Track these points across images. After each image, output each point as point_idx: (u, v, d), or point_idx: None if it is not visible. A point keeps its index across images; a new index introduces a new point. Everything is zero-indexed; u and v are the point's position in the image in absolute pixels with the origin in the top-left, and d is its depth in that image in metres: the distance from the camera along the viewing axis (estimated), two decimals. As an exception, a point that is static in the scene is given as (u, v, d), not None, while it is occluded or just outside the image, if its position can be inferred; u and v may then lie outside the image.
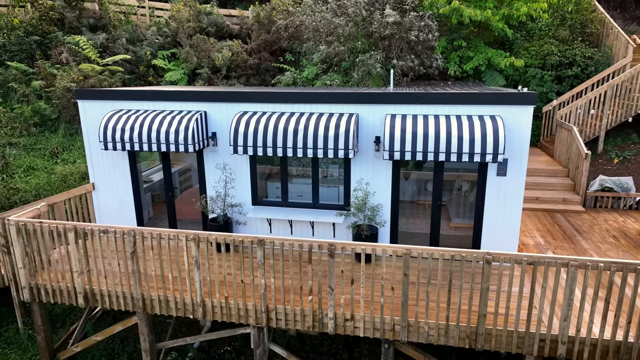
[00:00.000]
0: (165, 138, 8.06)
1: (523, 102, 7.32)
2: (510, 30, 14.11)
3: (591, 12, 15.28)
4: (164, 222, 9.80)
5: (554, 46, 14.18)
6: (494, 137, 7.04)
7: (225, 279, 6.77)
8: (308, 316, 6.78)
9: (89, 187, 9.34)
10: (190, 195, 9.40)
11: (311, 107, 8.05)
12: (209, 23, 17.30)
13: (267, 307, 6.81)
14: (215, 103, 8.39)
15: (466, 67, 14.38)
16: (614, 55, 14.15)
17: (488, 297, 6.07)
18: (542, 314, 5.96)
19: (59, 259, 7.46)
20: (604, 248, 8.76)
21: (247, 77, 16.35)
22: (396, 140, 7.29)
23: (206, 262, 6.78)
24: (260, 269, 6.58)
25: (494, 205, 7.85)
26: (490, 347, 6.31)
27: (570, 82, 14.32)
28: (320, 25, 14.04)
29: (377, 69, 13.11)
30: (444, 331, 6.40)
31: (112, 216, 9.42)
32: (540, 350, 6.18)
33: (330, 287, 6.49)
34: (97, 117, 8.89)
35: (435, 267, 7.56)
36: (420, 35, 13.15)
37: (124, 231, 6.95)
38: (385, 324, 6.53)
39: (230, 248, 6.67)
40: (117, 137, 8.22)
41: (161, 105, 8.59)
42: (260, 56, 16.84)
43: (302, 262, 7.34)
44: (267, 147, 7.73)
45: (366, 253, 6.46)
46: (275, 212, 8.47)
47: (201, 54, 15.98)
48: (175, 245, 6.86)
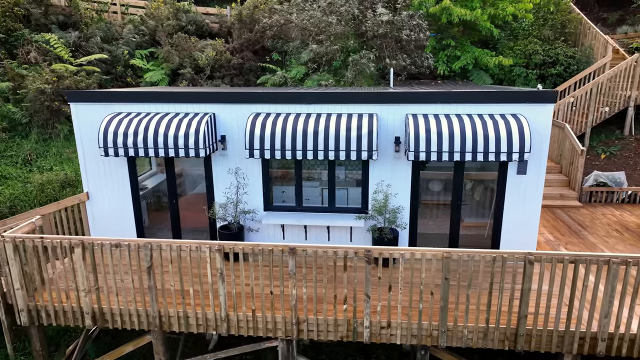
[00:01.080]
0: (174, 142, 7.54)
1: (543, 100, 7.33)
2: (497, 29, 14.34)
3: (569, 13, 15.79)
4: (162, 231, 9.23)
5: (538, 45, 14.54)
6: (520, 136, 7.00)
7: (252, 290, 6.37)
8: (341, 326, 6.49)
9: (83, 197, 8.63)
10: (187, 202, 8.87)
11: (327, 107, 7.76)
12: (188, 21, 16.60)
13: (298, 318, 6.48)
14: (224, 104, 7.94)
15: (454, 67, 14.49)
16: (595, 54, 14.66)
17: (529, 298, 6.01)
18: (582, 311, 5.95)
19: (60, 276, 6.80)
20: (611, 242, 8.97)
21: (230, 77, 15.81)
22: (421, 140, 7.12)
23: (232, 273, 6.36)
24: (291, 279, 6.25)
25: (513, 204, 7.84)
26: (530, 348, 6.26)
27: (553, 81, 14.73)
28: (309, 23, 13.73)
29: (370, 69, 12.96)
30: (483, 334, 6.29)
31: (108, 227, 8.76)
32: (579, 349, 6.19)
33: (366, 295, 6.24)
34: (92, 121, 8.22)
35: (475, 269, 7.45)
36: (411, 34, 13.11)
37: (139, 244, 6.41)
38: (423, 329, 6.35)
39: (260, 258, 6.28)
40: (119, 142, 7.61)
41: (164, 107, 8.04)
42: (242, 55, 16.32)
43: (332, 270, 7.05)
44: (285, 150, 7.38)
45: (405, 258, 6.24)
46: (290, 218, 8.12)
47: (182, 54, 15.30)
48: (197, 257, 6.40)
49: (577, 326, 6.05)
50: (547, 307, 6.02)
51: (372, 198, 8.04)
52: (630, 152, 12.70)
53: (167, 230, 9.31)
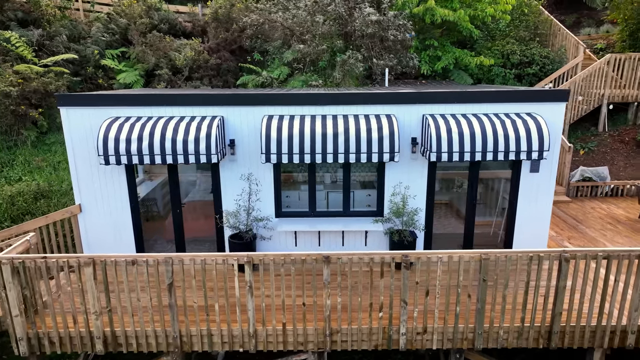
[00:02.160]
0: (183, 148, 7.04)
1: (557, 99, 7.46)
2: (477, 30, 14.63)
3: (540, 15, 16.39)
4: (160, 244, 8.66)
5: (515, 46, 14.97)
6: (539, 134, 7.07)
7: (283, 302, 6.04)
8: (375, 334, 6.28)
9: (75, 209, 7.91)
10: (185, 211, 8.33)
11: (342, 108, 7.52)
12: (160, 20, 15.77)
13: (332, 329, 6.20)
14: (233, 107, 7.51)
15: (437, 67, 14.64)
16: (567, 54, 15.28)
17: (564, 295, 6.06)
18: (613, 306, 6.08)
19: (63, 297, 6.15)
20: (609, 235, 9.31)
21: (209, 78, 15.18)
22: (443, 141, 7.04)
23: (261, 285, 5.99)
24: (325, 288, 5.97)
25: (526, 202, 7.94)
26: (563, 345, 6.32)
27: (529, 80, 15.21)
28: (294, 23, 13.42)
29: (359, 69, 12.82)
30: (518, 334, 6.28)
31: (103, 242, 8.08)
32: (609, 342, 6.31)
33: (404, 301, 6.06)
34: (86, 127, 7.53)
35: (502, 268, 7.43)
36: (397, 34, 13.10)
37: (158, 260, 5.90)
38: (458, 332, 6.25)
39: (292, 269, 5.95)
40: (122, 149, 7.01)
41: (167, 110, 7.51)
42: (220, 56, 15.72)
43: (366, 277, 6.79)
44: (304, 154, 7.07)
45: (442, 261, 6.10)
46: (304, 224, 7.82)
47: (157, 54, 14.51)
48: (223, 270, 5.97)
49: (608, 320, 6.17)
50: (580, 303, 6.09)
51: (390, 200, 7.88)
52: (606, 148, 13.32)
53: (163, 241, 8.74)
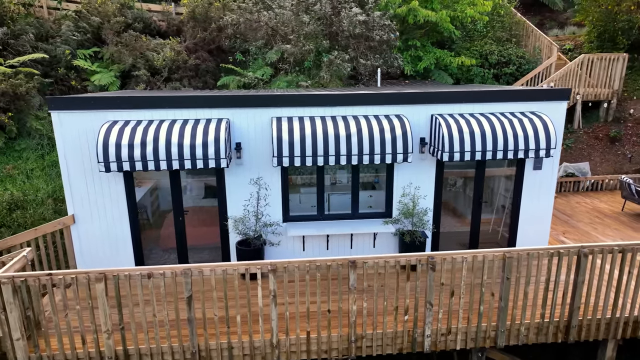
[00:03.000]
0: (191, 153, 6.69)
1: (559, 98, 7.65)
2: (458, 31, 14.89)
3: (513, 16, 16.90)
4: (156, 253, 8.23)
5: (493, 46, 15.35)
6: (546, 133, 7.22)
7: (308, 310, 5.85)
8: (400, 337, 6.20)
9: (67, 221, 7.38)
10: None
11: (352, 109, 7.40)
12: (134, 18, 15.09)
13: (357, 334, 6.07)
14: (238, 109, 7.23)
15: (419, 67, 14.79)
16: (542, 55, 15.81)
17: (583, 290, 6.19)
18: (627, 298, 6.28)
19: (65, 316, 5.68)
20: (600, 228, 9.67)
21: (188, 79, 14.67)
22: (455, 140, 7.05)
23: (284, 293, 5.77)
24: (351, 293, 5.83)
25: (530, 199, 8.10)
26: (580, 338, 6.46)
27: (506, 80, 15.64)
28: (279, 22, 13.18)
29: (346, 69, 12.75)
30: (538, 329, 6.37)
31: (99, 254, 7.58)
32: (622, 333, 6.52)
33: (429, 303, 6.01)
34: (80, 132, 7.04)
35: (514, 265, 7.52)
36: (383, 35, 13.12)
37: (176, 271, 5.57)
38: (481, 331, 6.27)
39: (318, 275, 5.77)
40: (124, 155, 6.59)
41: (169, 113, 7.13)
42: (198, 56, 15.24)
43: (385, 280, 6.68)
44: (317, 156, 6.90)
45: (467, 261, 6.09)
46: (314, 228, 7.64)
47: (133, 54, 13.87)
48: (231, 278, 5.71)
49: (622, 312, 6.36)
50: (596, 297, 6.26)
51: (399, 201, 7.83)
52: (582, 144, 13.89)
53: (159, 250, 8.32)
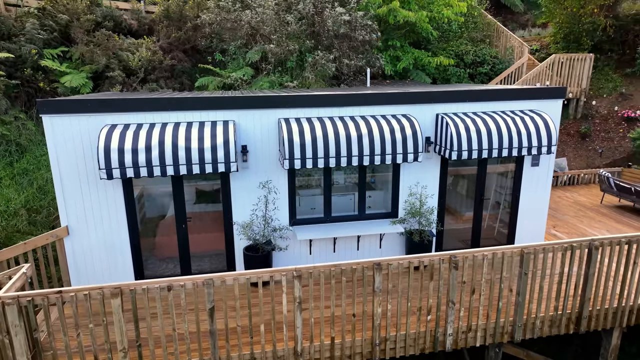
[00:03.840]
0: (199, 157, 6.39)
1: (555, 96, 7.90)
2: (436, 31, 15.16)
3: (484, 18, 17.41)
4: (152, 263, 7.83)
5: (469, 46, 15.74)
6: (547, 130, 7.43)
7: (333, 315, 5.72)
8: (422, 338, 6.19)
9: (61, 233, 6.87)
10: (172, 225, 7.61)
11: (359, 109, 7.33)
12: (104, 16, 14.34)
13: (381, 337, 6.00)
14: (244, 110, 6.99)
15: (398, 67, 14.94)
16: (515, 55, 16.37)
17: (593, 282, 6.41)
18: (632, 287, 6.57)
19: (77, 336, 5.25)
20: (585, 221, 10.10)
21: (164, 80, 14.12)
22: (463, 139, 7.13)
23: (310, 300, 5.62)
24: (376, 296, 5.76)
25: (528, 195, 8.32)
26: (590, 328, 6.69)
27: (481, 79, 16.09)
28: (261, 21, 12.92)
29: (331, 69, 12.68)
30: (551, 322, 6.54)
31: (95, 268, 7.12)
32: (627, 321, 6.80)
33: (452, 302, 6.03)
34: (74, 137, 6.57)
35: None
36: (365, 35, 13.15)
37: (198, 282, 5.29)
38: (499, 327, 6.37)
39: (343, 280, 5.65)
40: (128, 161, 6.20)
41: (171, 116, 6.78)
42: (173, 56, 14.71)
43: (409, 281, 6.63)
44: (329, 157, 6.77)
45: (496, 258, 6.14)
46: (321, 230, 7.51)
47: (105, 53, 13.18)
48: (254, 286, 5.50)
49: (627, 300, 6.64)
50: (605, 287, 6.50)
51: (406, 201, 7.83)
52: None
53: (155, 260, 7.92)
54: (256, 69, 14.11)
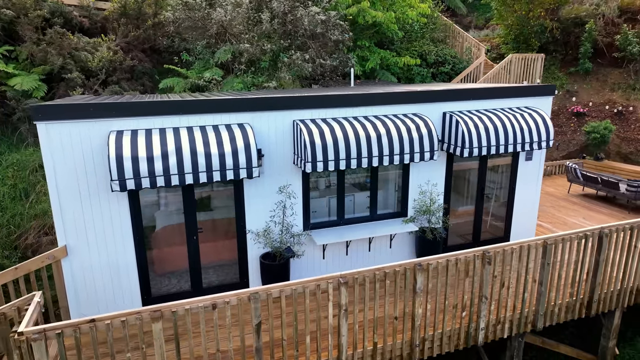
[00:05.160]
0: (220, 163, 5.98)
1: (547, 93, 8.32)
2: (401, 32, 15.46)
3: (440, 19, 18.05)
4: (152, 279, 7.25)
5: (432, 46, 16.23)
6: (544, 125, 7.81)
7: (376, 321, 5.60)
8: (455, 334, 6.24)
9: (58, 253, 6.13)
10: (171, 234, 7.12)
11: (372, 109, 7.25)
12: (52, 12, 13.06)
13: (420, 337, 5.97)
14: (259, 112, 6.65)
15: (367, 67, 15.07)
16: (473, 55, 17.11)
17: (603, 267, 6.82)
18: (633, 270, 7.07)
19: None
20: (563, 211, 10.77)
21: (125, 81, 13.15)
22: (474, 136, 7.30)
23: (355, 307, 5.47)
24: (418, 297, 5.72)
25: (522, 188, 8.70)
26: (598, 311, 7.11)
27: (442, 78, 16.65)
28: (233, 20, 12.43)
29: (308, 69, 12.50)
30: (567, 308, 6.87)
31: (97, 290, 6.43)
32: (628, 302, 7.31)
33: (484, 296, 6.13)
34: (74, 146, 5.87)
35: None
36: (338, 35, 13.11)
37: (242, 297, 4.94)
38: (524, 317, 6.58)
39: (387, 283, 5.54)
40: (143, 170, 5.65)
41: (182, 120, 6.28)
42: (133, 56, 13.76)
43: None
44: (350, 159, 6.63)
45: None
46: (338, 234, 7.34)
47: (60, 53, 12.01)
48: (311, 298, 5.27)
49: (628, 282, 7.15)
50: (611, 271, 6.94)
51: (414, 199, 7.87)
52: (516, 136, 15.32)
53: (154, 276, 7.33)
54: (225, 69, 13.57)
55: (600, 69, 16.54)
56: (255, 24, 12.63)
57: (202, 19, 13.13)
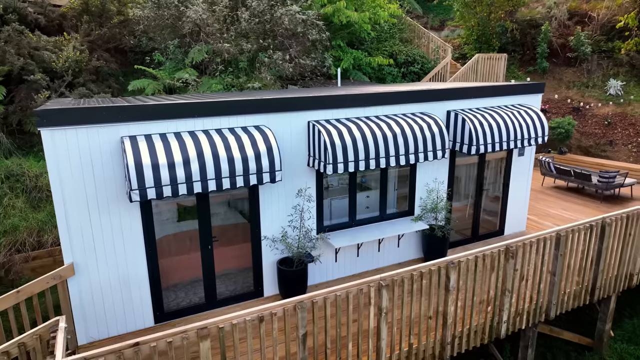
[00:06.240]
0: (244, 168, 5.69)
1: (537, 91, 8.68)
2: (374, 32, 15.59)
3: (405, 20, 18.41)
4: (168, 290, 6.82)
5: (401, 46, 16.50)
6: (540, 121, 8.13)
7: (412, 322, 5.57)
8: (481, 329, 6.34)
9: (66, 272, 5.57)
10: (171, 243, 6.74)
11: (383, 109, 7.22)
12: (4, 8, 11.93)
13: (451, 335, 6.00)
14: (274, 114, 6.41)
15: (341, 67, 15.06)
16: (440, 56, 17.57)
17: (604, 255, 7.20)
18: (627, 256, 7.53)
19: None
20: (543, 203, 11.29)
21: (91, 83, 12.29)
22: (480, 134, 7.46)
23: (394, 309, 5.40)
24: (450, 295, 5.75)
25: (515, 182, 9.02)
26: (599, 297, 7.50)
27: (411, 78, 17.00)
28: (209, 18, 11.97)
29: (288, 70, 12.29)
30: (574, 296, 7.19)
31: (107, 309, 5.92)
32: (622, 286, 7.77)
33: (507, 290, 6.28)
34: (82, 153, 5.36)
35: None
36: (316, 34, 13.01)
37: (288, 307, 4.73)
38: (539, 307, 6.80)
39: (424, 283, 5.52)
40: (165, 178, 5.26)
41: (197, 123, 5.92)
42: (98, 56, 12.90)
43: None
44: (369, 159, 6.55)
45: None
46: (352, 235, 7.25)
47: (20, 53, 11.01)
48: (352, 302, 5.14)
49: (622, 268, 7.60)
50: (611, 258, 7.34)
51: (420, 198, 7.93)
52: (485, 132, 15.92)
53: (171, 290, 6.87)
54: (199, 69, 13.04)
55: (556, 68, 17.57)
56: (232, 23, 12.24)
57: (172, 17, 12.54)
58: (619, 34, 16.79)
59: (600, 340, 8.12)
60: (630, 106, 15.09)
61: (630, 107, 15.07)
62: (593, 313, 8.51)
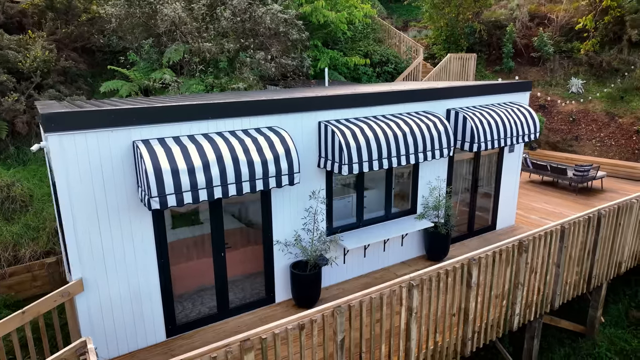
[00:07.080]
0: (263, 171, 5.49)
1: (525, 89, 8.98)
2: (350, 32, 15.61)
3: (376, 20, 18.58)
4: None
5: (376, 46, 16.63)
6: (532, 119, 8.41)
7: (437, 319, 5.59)
8: (496, 322, 6.46)
9: (74, 289, 5.15)
10: (191, 249, 6.52)
11: (388, 108, 7.21)
12: (-41, 4, 10.97)
13: (472, 330, 6.07)
14: (285, 115, 6.23)
15: (319, 67, 14.99)
16: (412, 56, 17.85)
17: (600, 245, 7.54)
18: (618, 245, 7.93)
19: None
20: (525, 197, 11.71)
21: (60, 84, 11.53)
22: (480, 132, 7.61)
23: (422, 307, 5.39)
24: (472, 291, 5.82)
25: (506, 178, 9.29)
26: (595, 285, 7.84)
27: (385, 77, 17.18)
28: (188, 17, 11.54)
29: (271, 70, 12.07)
30: (574, 285, 7.48)
31: (117, 325, 5.54)
32: (613, 273, 8.18)
33: (520, 283, 6.43)
34: (92, 159, 4.97)
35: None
36: (296, 34, 12.86)
37: (326, 313, 4.60)
38: (546, 298, 7.02)
39: (449, 281, 5.54)
40: (185, 184, 4.98)
41: (210, 125, 5.65)
42: (66, 56, 12.14)
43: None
44: (382, 159, 6.51)
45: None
46: (360, 236, 7.19)
47: (-21, 53, 10.15)
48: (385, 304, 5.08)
49: (613, 256, 8.00)
50: (604, 248, 7.70)
51: (422, 196, 7.99)
52: (459, 130, 16.34)
53: (182, 300, 6.53)
54: (175, 69, 12.55)
55: (520, 67, 18.32)
56: (211, 21, 11.87)
57: (144, 15, 11.98)
58: (577, 35, 17.73)
59: (592, 327, 8.50)
60: (592, 103, 15.97)
61: (591, 105, 15.95)
62: (582, 301, 8.91)
